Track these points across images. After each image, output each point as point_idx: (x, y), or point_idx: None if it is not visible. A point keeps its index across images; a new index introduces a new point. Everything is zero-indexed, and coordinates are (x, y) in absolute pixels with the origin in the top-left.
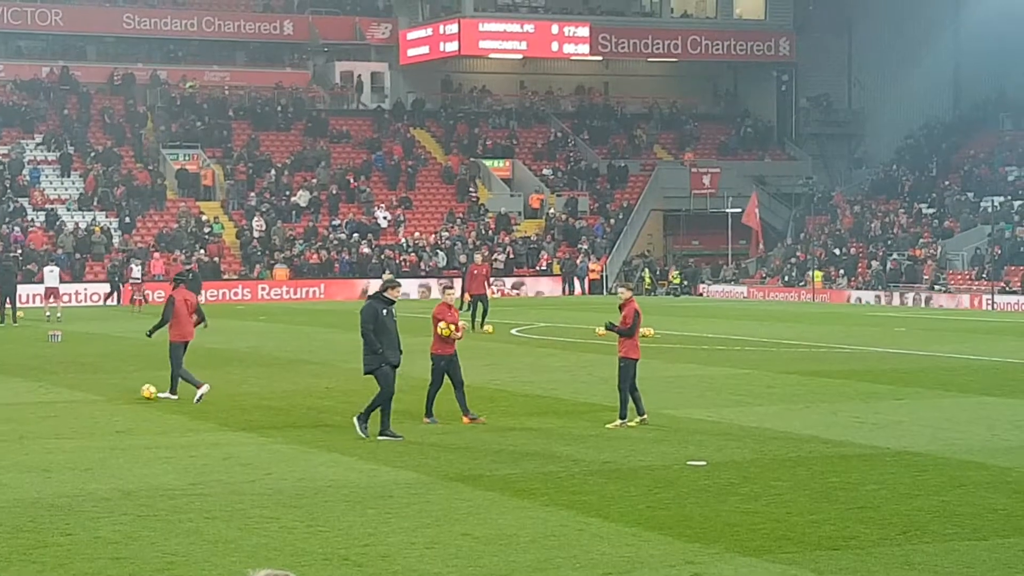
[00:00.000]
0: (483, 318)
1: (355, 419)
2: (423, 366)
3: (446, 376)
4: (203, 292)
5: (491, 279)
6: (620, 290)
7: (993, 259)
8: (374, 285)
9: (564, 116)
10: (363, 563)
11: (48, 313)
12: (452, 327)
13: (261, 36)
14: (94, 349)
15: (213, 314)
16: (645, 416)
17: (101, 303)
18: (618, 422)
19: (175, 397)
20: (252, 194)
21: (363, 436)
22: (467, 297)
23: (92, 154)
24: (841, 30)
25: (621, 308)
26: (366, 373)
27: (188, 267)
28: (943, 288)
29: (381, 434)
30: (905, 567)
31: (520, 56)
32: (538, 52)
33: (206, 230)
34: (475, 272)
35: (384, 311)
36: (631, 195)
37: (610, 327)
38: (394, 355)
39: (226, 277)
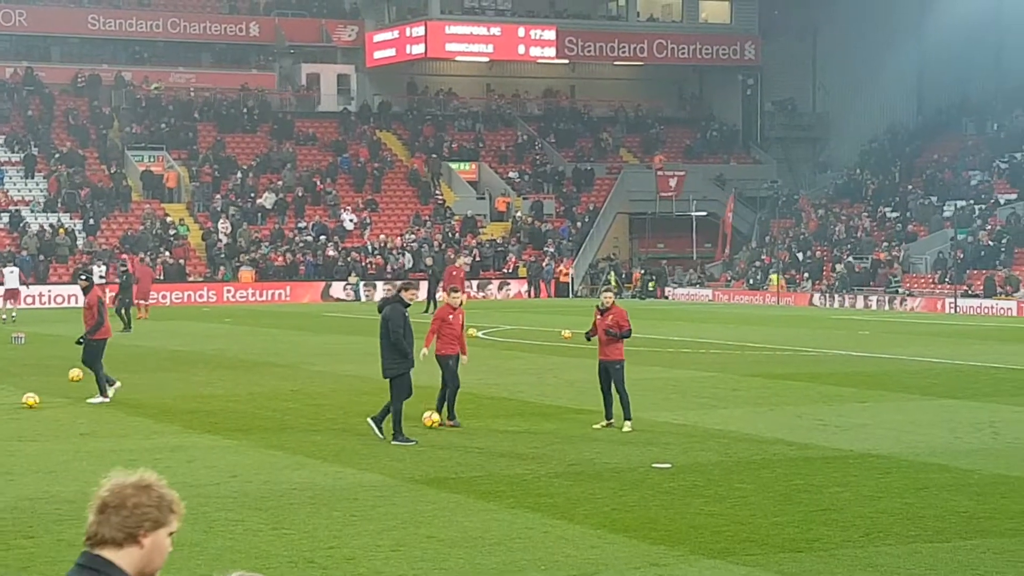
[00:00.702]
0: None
1: (393, 441)
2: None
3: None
4: (169, 294)
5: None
6: (605, 295)
7: (956, 263)
8: (336, 287)
9: (530, 119)
10: (328, 566)
11: (3, 316)
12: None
13: (227, 38)
14: (57, 351)
15: (178, 316)
16: (613, 421)
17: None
18: (628, 425)
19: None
20: (218, 196)
21: (413, 442)
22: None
23: (56, 155)
24: (806, 35)
25: (605, 313)
26: (389, 377)
27: (124, 268)
28: (895, 291)
29: (374, 418)
30: (868, 569)
31: (486, 59)
32: (504, 55)
33: (171, 232)
34: (453, 273)
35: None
36: (597, 198)
37: (612, 334)
38: (413, 358)
39: (191, 279)
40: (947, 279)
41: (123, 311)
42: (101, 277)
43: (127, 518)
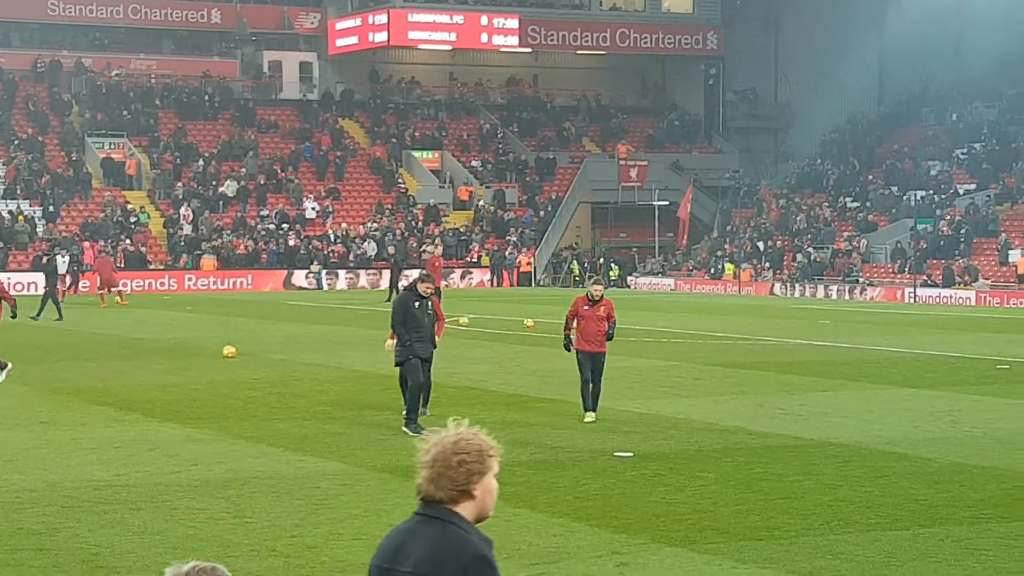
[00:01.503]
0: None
1: (404, 428)
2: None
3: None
4: (130, 282)
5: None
6: (595, 287)
7: (915, 253)
8: (298, 276)
9: (493, 108)
10: (290, 554)
11: None
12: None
13: (188, 24)
14: (16, 339)
15: (139, 304)
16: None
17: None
18: (592, 416)
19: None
20: (179, 184)
21: (421, 432)
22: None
23: (16, 142)
24: (768, 25)
25: (595, 304)
26: (397, 364)
27: (47, 256)
28: (855, 280)
29: (406, 426)
30: (828, 557)
31: (449, 47)
32: (467, 43)
33: (132, 220)
34: (436, 264)
35: (416, 303)
36: (560, 187)
37: (611, 337)
38: (424, 348)
39: (152, 267)
40: (906, 269)
41: (52, 299)
42: (65, 264)
43: (454, 478)
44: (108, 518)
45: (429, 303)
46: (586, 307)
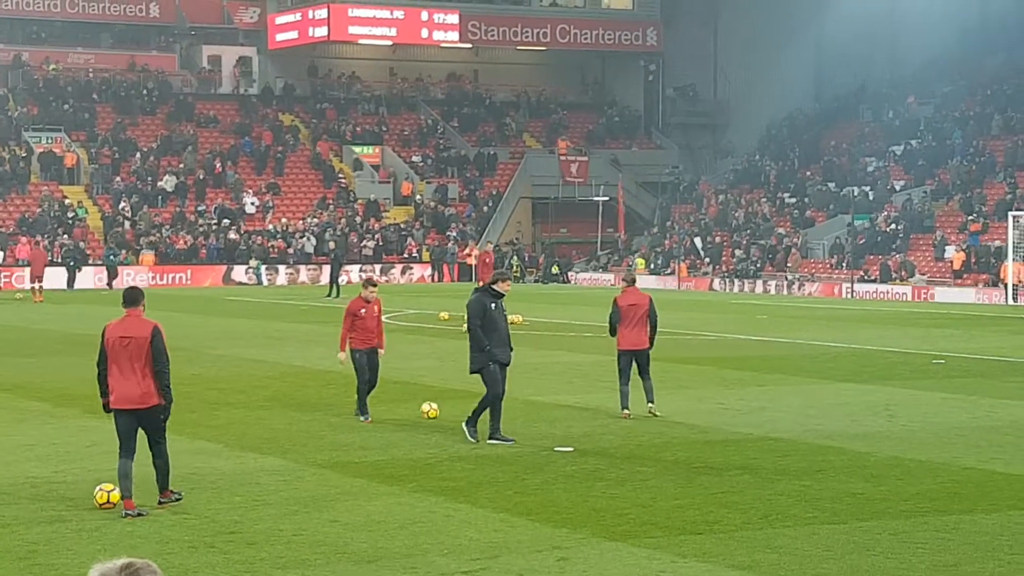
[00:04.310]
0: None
1: (464, 425)
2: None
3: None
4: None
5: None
6: (621, 283)
7: (853, 248)
8: (238, 271)
9: (434, 103)
10: (229, 551)
11: None
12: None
13: (126, 18)
14: None
15: (77, 299)
16: (627, 413)
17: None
18: (655, 408)
19: None
20: (117, 178)
21: (473, 440)
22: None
23: None
24: (707, 22)
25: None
26: (472, 372)
27: None
28: (791, 276)
29: (491, 437)
30: (767, 550)
31: (390, 42)
32: (408, 39)
33: (70, 214)
34: (487, 260)
35: (492, 305)
36: (500, 182)
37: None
38: (503, 353)
39: (91, 262)
40: (844, 264)
41: None
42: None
43: None
44: (45, 515)
45: (503, 304)
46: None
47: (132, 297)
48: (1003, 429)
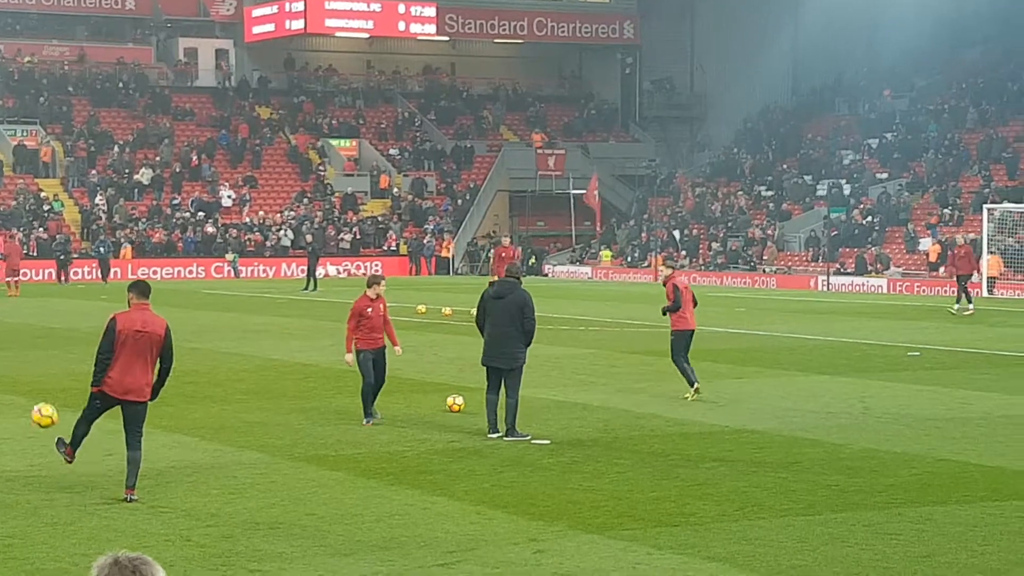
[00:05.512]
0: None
1: (506, 437)
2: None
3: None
4: (43, 271)
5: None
6: (661, 268)
7: (828, 241)
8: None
9: (411, 96)
10: (206, 544)
11: None
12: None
13: (103, 10)
14: None
15: (53, 293)
16: (697, 386)
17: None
18: (691, 392)
19: None
20: (93, 172)
21: (527, 437)
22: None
23: None
24: (684, 14)
25: (664, 284)
26: (516, 367)
27: None
28: (767, 269)
29: (508, 428)
30: (742, 542)
31: (367, 35)
32: (385, 31)
33: (45, 208)
34: (503, 255)
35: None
36: (477, 176)
37: (665, 311)
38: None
39: (77, 255)
40: (820, 257)
41: None
42: None
43: None
44: (21, 509)
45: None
46: (672, 286)
47: (146, 290)
48: (977, 421)
